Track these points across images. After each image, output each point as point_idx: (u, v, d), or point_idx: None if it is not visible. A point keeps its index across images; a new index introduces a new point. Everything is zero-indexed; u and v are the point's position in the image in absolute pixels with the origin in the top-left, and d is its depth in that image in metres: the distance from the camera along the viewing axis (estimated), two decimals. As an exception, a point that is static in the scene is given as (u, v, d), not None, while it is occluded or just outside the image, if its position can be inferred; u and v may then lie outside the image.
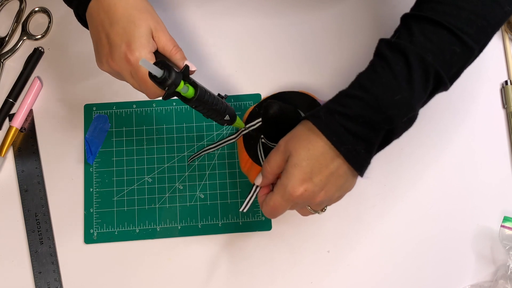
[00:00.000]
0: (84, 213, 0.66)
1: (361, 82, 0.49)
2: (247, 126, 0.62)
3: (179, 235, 0.65)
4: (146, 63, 0.45)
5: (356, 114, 0.47)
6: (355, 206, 0.66)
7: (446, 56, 0.49)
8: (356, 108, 0.48)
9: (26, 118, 0.69)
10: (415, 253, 0.65)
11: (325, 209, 0.53)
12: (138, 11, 0.53)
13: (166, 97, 0.49)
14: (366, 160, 0.50)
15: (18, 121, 0.69)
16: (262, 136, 0.60)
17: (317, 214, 0.54)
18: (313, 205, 0.51)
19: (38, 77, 0.70)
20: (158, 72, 0.47)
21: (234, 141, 0.64)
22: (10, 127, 0.68)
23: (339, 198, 0.53)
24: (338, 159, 0.49)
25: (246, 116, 0.65)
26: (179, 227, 0.66)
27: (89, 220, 0.66)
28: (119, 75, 0.55)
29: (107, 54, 0.53)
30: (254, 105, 0.66)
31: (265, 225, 0.66)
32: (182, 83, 0.49)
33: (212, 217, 0.66)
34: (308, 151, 0.48)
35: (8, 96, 0.70)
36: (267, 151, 0.59)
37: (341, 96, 0.49)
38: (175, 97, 0.51)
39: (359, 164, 0.49)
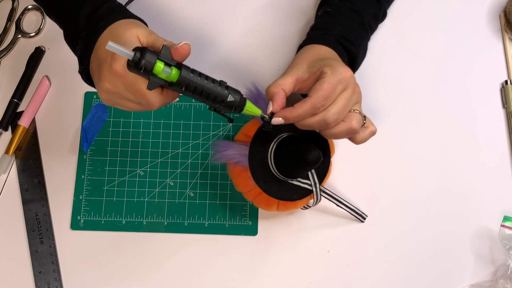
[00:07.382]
0: (73, 199, 0.66)
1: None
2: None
3: (165, 231, 0.66)
4: (113, 46, 0.43)
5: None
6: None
7: None
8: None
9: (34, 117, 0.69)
10: (414, 252, 0.65)
11: (364, 120, 0.56)
12: (123, 25, 0.51)
13: (150, 86, 0.45)
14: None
15: (26, 120, 0.68)
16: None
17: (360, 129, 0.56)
18: (357, 99, 0.56)
19: (47, 76, 0.70)
20: (128, 54, 0.43)
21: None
22: (18, 126, 0.68)
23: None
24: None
25: (252, 133, 0.60)
26: (165, 223, 0.66)
27: (78, 206, 0.66)
28: (118, 97, 0.50)
29: (98, 77, 0.50)
30: (257, 121, 0.60)
31: (252, 230, 0.66)
32: (160, 64, 0.45)
33: (199, 217, 0.66)
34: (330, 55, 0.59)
35: (13, 97, 0.69)
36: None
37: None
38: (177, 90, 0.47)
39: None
